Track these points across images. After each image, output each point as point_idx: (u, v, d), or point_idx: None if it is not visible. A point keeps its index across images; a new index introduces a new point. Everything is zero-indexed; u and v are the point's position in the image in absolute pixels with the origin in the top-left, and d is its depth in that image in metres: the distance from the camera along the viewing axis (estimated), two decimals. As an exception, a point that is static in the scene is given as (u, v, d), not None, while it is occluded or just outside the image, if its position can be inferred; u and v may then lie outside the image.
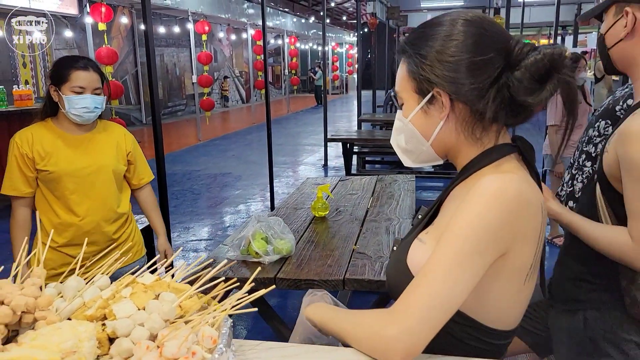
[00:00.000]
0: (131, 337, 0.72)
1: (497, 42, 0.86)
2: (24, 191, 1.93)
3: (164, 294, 0.79)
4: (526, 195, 0.84)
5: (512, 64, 0.85)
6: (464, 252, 0.80)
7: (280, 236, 2.11)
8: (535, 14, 17.17)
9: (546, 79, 0.83)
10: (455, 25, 0.88)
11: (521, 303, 0.92)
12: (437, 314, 0.80)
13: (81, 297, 0.86)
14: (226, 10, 12.52)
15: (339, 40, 23.64)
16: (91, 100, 1.89)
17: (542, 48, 0.84)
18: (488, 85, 0.85)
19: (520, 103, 0.85)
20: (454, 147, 0.94)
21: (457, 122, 0.90)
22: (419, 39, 0.92)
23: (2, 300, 0.78)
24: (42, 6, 6.18)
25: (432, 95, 0.90)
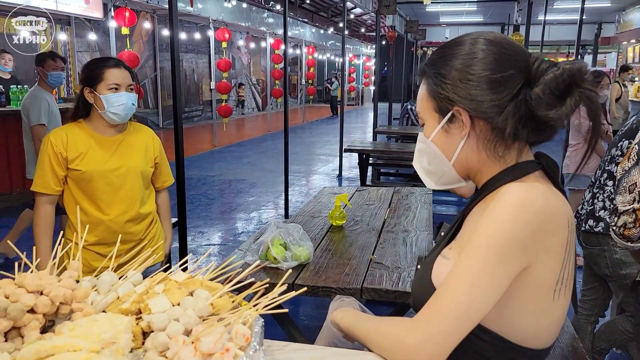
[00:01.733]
0: (167, 331, 0.73)
1: (517, 60, 0.87)
2: (54, 189, 1.97)
3: (199, 291, 0.81)
4: (552, 206, 0.83)
5: (531, 80, 0.85)
6: (488, 262, 0.80)
7: (299, 243, 2.12)
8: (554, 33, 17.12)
9: (567, 94, 0.83)
10: (475, 44, 0.90)
11: (554, 321, 0.89)
12: (460, 324, 0.79)
13: (115, 291, 0.88)
14: (246, 18, 12.66)
15: (357, 52, 23.76)
16: (127, 97, 1.94)
17: (561, 64, 0.84)
18: (507, 102, 0.86)
19: (541, 119, 0.84)
20: (475, 166, 0.93)
21: (478, 140, 0.91)
22: (438, 59, 0.94)
23: (42, 290, 0.80)
24: (68, 9, 6.30)
25: (452, 114, 0.91)
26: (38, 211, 2.00)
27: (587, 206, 2.31)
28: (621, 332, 2.29)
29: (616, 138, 2.26)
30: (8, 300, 0.75)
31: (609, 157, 2.25)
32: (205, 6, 10.53)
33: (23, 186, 5.80)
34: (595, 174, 2.35)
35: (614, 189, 2.19)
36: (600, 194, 2.25)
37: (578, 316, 2.51)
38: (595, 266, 2.29)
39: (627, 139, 2.15)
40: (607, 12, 16.57)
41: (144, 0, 8.58)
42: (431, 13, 18.20)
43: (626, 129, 2.21)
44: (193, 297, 0.80)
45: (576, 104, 0.83)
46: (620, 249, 2.16)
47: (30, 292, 0.79)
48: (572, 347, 2.10)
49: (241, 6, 12.20)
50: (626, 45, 17.51)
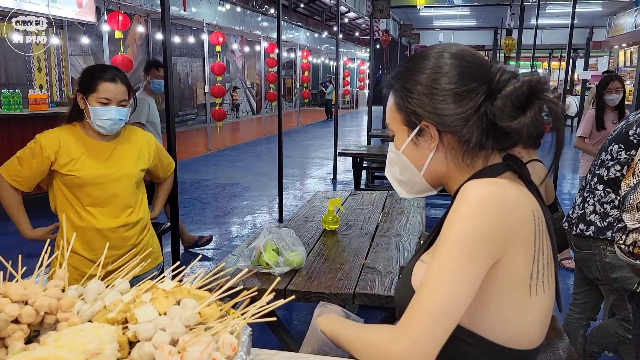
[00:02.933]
0: (153, 341, 0.73)
1: (480, 72, 0.89)
2: (24, 186, 1.95)
3: (186, 300, 0.80)
4: (513, 199, 0.84)
5: (494, 91, 0.87)
6: (457, 259, 0.81)
7: (292, 248, 2.11)
8: (546, 37, 17.25)
9: (527, 105, 0.85)
10: (440, 58, 0.91)
11: (535, 319, 0.89)
12: (440, 322, 0.80)
13: (102, 300, 0.87)
14: (240, 22, 12.67)
15: (351, 56, 23.80)
16: (116, 112, 1.93)
17: (521, 76, 0.86)
18: (471, 114, 0.87)
19: (504, 129, 0.86)
20: (446, 176, 0.95)
21: (446, 151, 0.92)
22: (404, 73, 0.95)
23: (26, 300, 0.80)
24: (61, 13, 6.28)
25: (420, 127, 0.93)
26: (3, 194, 1.96)
27: (578, 210, 2.32)
28: (612, 336, 2.30)
29: (606, 142, 2.28)
30: (-8, 311, 0.75)
31: (599, 162, 2.26)
32: (199, 10, 10.52)
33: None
34: (585, 178, 2.36)
35: (604, 192, 2.20)
36: (590, 198, 2.26)
37: (569, 319, 2.52)
38: (586, 270, 2.30)
39: (616, 144, 2.17)
40: (598, 16, 16.70)
41: (138, 4, 8.56)
42: (425, 17, 18.28)
43: (616, 134, 2.22)
44: (180, 306, 0.80)
45: (536, 115, 0.85)
46: (610, 252, 2.17)
47: (14, 301, 0.78)
48: (565, 350, 2.11)
49: (235, 10, 12.20)
50: (617, 49, 17.64)
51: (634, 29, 14.61)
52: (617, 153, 2.15)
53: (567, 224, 2.37)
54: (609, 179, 2.18)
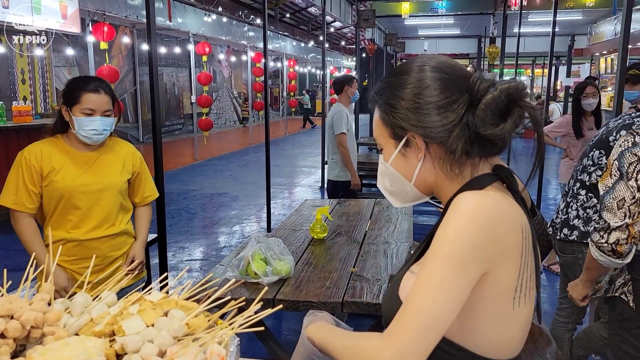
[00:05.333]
0: (141, 353, 0.73)
1: (459, 83, 0.90)
2: (27, 206, 1.93)
3: (173, 311, 0.80)
4: (505, 212, 0.85)
5: (474, 100, 0.88)
6: (447, 270, 0.81)
7: (280, 257, 2.12)
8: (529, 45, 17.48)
9: (507, 112, 0.87)
10: (421, 72, 0.93)
11: (516, 331, 0.90)
12: (428, 333, 0.80)
13: (89, 313, 0.87)
14: (227, 32, 12.68)
15: (337, 65, 23.93)
16: (100, 123, 1.92)
17: (498, 84, 0.87)
18: (455, 124, 0.89)
19: (486, 137, 0.88)
20: (435, 184, 0.97)
21: (433, 161, 0.94)
22: (387, 89, 0.97)
23: (12, 314, 0.79)
24: (46, 24, 6.23)
25: (406, 140, 0.94)
26: (18, 225, 1.95)
27: (562, 215, 2.35)
28: (598, 339, 2.33)
29: (587, 148, 2.32)
30: (-23, 326, 0.74)
31: (581, 167, 2.30)
32: (185, 20, 10.53)
33: None
34: (568, 184, 2.39)
35: (587, 197, 2.24)
36: (573, 203, 2.29)
37: (556, 324, 2.54)
38: (571, 274, 2.32)
39: (597, 149, 2.21)
40: (579, 24, 16.98)
41: (123, 15, 8.54)
42: (409, 26, 18.43)
43: (596, 139, 2.26)
44: (167, 317, 0.80)
45: (517, 121, 0.86)
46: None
47: (0, 316, 0.78)
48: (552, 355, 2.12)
49: (221, 20, 12.22)
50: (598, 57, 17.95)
51: (614, 37, 14.89)
52: (598, 159, 2.18)
53: (551, 229, 2.41)
54: (590, 184, 2.21)
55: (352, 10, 14.25)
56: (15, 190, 1.92)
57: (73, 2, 6.69)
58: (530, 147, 9.53)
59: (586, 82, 4.07)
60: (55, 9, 6.37)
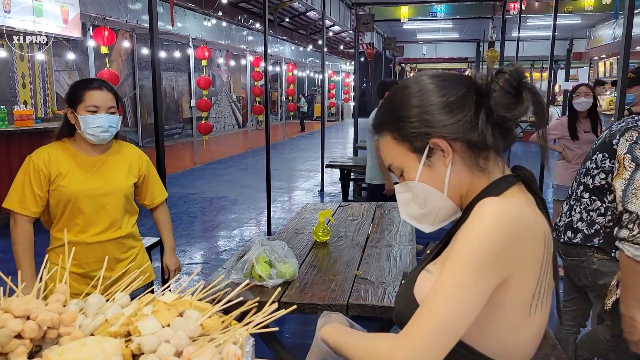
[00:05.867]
0: (157, 353, 0.73)
1: (459, 81, 0.94)
2: (32, 210, 1.93)
3: (189, 312, 0.81)
4: (528, 220, 0.85)
5: (483, 92, 0.91)
6: (466, 275, 0.81)
7: (284, 260, 2.12)
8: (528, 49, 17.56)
9: (520, 92, 0.89)
10: (419, 82, 0.95)
11: (531, 336, 0.90)
12: (444, 336, 0.80)
13: (103, 314, 0.87)
14: (226, 36, 12.71)
15: (336, 69, 23.98)
16: (106, 119, 1.93)
17: (504, 68, 0.91)
18: (474, 116, 0.90)
19: (507, 120, 0.90)
20: (466, 187, 0.95)
21: (462, 161, 0.93)
22: (392, 108, 0.97)
23: (29, 315, 0.80)
24: (48, 28, 6.25)
25: (429, 147, 0.93)
26: (16, 230, 1.94)
27: (565, 218, 2.36)
28: (602, 342, 2.33)
29: (590, 151, 2.33)
30: (-6, 326, 0.75)
31: (584, 170, 2.31)
32: (185, 25, 10.55)
33: None
34: (571, 187, 2.40)
35: (590, 200, 2.25)
36: (577, 205, 2.30)
37: (560, 327, 2.54)
38: (575, 277, 2.33)
39: (601, 152, 2.22)
40: (578, 28, 17.08)
41: (123, 20, 8.56)
42: (408, 30, 18.52)
43: (599, 143, 2.27)
44: (183, 317, 0.80)
45: (529, 100, 0.89)
46: (598, 259, 2.21)
47: (17, 317, 0.78)
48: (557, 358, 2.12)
49: (221, 25, 12.25)
50: (597, 60, 18.03)
51: (612, 41, 14.96)
52: (601, 162, 2.19)
53: (554, 232, 2.41)
54: (594, 187, 2.22)
55: (351, 14, 14.30)
56: (22, 194, 1.92)
57: (74, 7, 6.71)
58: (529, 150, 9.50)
59: (582, 82, 4.11)
60: (57, 13, 6.38)
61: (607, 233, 2.19)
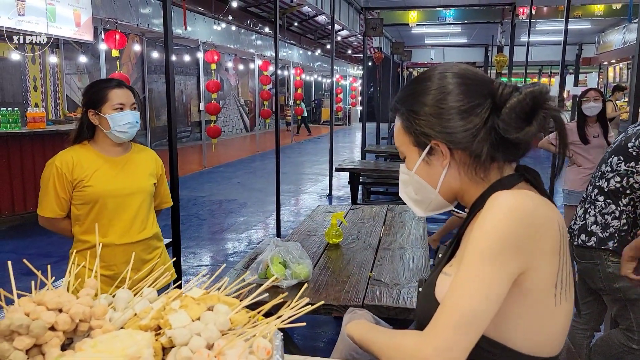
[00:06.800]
0: (189, 346, 0.74)
1: (482, 88, 0.91)
2: (57, 212, 1.98)
3: (219, 306, 0.82)
4: (541, 210, 0.86)
5: (498, 105, 0.89)
6: (486, 268, 0.82)
7: (299, 261, 2.13)
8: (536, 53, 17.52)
9: (532, 116, 0.88)
10: (443, 78, 0.94)
11: (559, 327, 0.89)
12: (467, 330, 0.80)
13: (132, 308, 0.88)
14: (235, 40, 12.78)
15: (343, 73, 24.03)
16: (131, 115, 1.97)
17: (523, 88, 0.88)
18: (479, 129, 0.90)
19: (511, 140, 0.89)
20: (460, 190, 0.97)
21: (459, 167, 0.94)
22: (409, 96, 0.98)
23: (61, 307, 0.81)
24: (60, 32, 6.31)
25: (430, 147, 0.95)
26: (58, 227, 2.05)
27: (579, 221, 2.35)
28: (617, 346, 2.32)
29: (605, 155, 2.32)
30: (29, 318, 0.76)
31: (599, 174, 2.31)
32: (195, 29, 10.62)
33: (12, 209, 5.74)
34: (586, 190, 2.40)
35: (605, 204, 2.24)
36: (591, 209, 2.30)
37: (574, 330, 2.53)
38: (590, 280, 2.32)
39: (616, 156, 2.21)
40: (588, 33, 17.03)
41: (134, 23, 8.63)
42: (417, 35, 18.53)
43: (615, 146, 2.27)
44: (213, 311, 0.81)
45: (542, 123, 0.87)
46: (613, 262, 2.20)
47: (50, 309, 0.79)
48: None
49: (230, 29, 12.32)
50: (607, 66, 17.96)
51: (622, 46, 14.90)
52: (616, 165, 2.19)
53: (568, 236, 2.41)
54: (609, 190, 2.22)
55: (359, 18, 14.33)
56: (52, 201, 1.97)
57: (86, 10, 6.78)
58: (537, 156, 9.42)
59: (591, 87, 4.09)
60: (69, 17, 6.45)
61: (621, 236, 2.18)
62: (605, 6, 12.49)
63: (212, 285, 0.98)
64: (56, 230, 2.07)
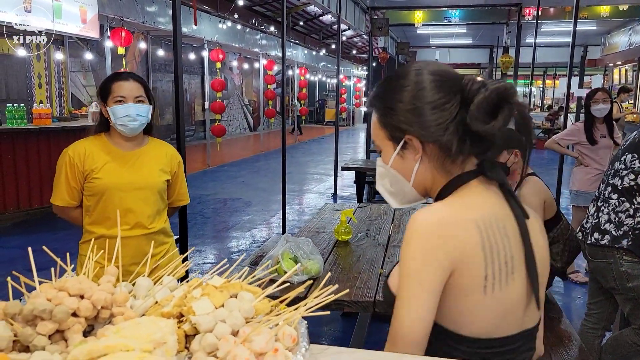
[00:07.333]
0: (214, 332, 0.73)
1: (453, 85, 0.96)
2: (68, 201, 2.00)
3: (243, 293, 0.81)
4: (451, 219, 0.92)
5: (466, 101, 0.94)
6: (412, 289, 0.90)
7: (309, 257, 2.12)
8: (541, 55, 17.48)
9: (497, 110, 0.92)
10: (419, 75, 0.98)
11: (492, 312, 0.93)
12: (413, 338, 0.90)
13: (153, 296, 0.87)
14: (240, 40, 12.78)
15: (347, 74, 24.01)
16: (133, 108, 1.94)
17: (489, 84, 0.93)
18: (449, 123, 0.95)
19: (479, 134, 0.92)
20: (431, 183, 1.02)
21: (430, 160, 0.99)
22: (384, 92, 1.02)
23: (83, 294, 0.80)
24: (66, 28, 6.32)
25: (404, 141, 0.99)
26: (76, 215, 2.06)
27: (592, 220, 2.34)
28: (629, 345, 2.30)
29: (619, 152, 2.31)
30: (52, 304, 0.75)
31: (612, 171, 2.29)
32: (200, 27, 10.62)
33: (17, 205, 5.74)
34: (598, 188, 2.38)
35: (619, 202, 2.22)
36: (604, 207, 2.28)
37: (585, 329, 2.52)
38: (602, 279, 2.30)
39: (630, 153, 2.20)
40: (593, 35, 16.99)
41: (140, 21, 8.64)
42: (422, 35, 18.51)
43: (628, 143, 2.25)
44: (237, 299, 0.80)
45: (507, 118, 0.92)
46: (626, 261, 2.18)
47: (72, 295, 0.78)
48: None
49: (235, 27, 12.32)
50: (612, 67, 17.91)
51: (628, 47, 14.86)
52: (630, 162, 2.17)
53: (580, 234, 2.39)
54: (623, 188, 2.20)
55: (365, 18, 14.33)
56: (63, 190, 1.99)
57: (92, 7, 6.79)
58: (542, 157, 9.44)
59: (597, 88, 4.07)
60: (76, 13, 6.46)
61: (636, 235, 2.16)
62: (612, 7, 12.46)
63: (232, 275, 0.97)
64: (67, 218, 2.08)
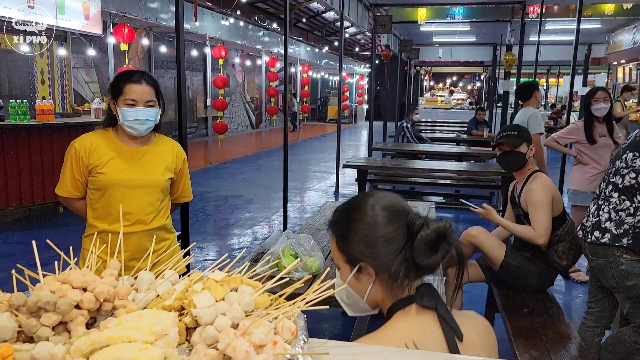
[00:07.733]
0: (215, 325, 0.74)
1: (401, 219, 1.07)
2: (71, 192, 2.02)
3: (244, 287, 0.82)
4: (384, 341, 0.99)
5: (412, 235, 1.05)
6: None
7: (310, 253, 2.13)
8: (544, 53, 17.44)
9: (437, 247, 1.03)
10: (372, 210, 1.09)
11: None
12: None
13: (154, 290, 0.88)
14: (242, 36, 12.77)
15: (350, 71, 23.98)
16: (143, 113, 1.95)
17: (431, 223, 1.04)
18: (397, 254, 1.05)
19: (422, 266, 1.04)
20: (380, 300, 1.12)
21: (380, 283, 1.09)
22: (341, 222, 1.13)
23: (86, 287, 0.81)
24: (69, 24, 6.33)
25: (359, 267, 1.10)
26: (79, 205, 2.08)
27: (593, 218, 2.34)
28: (628, 343, 2.31)
29: (619, 151, 2.31)
30: (56, 296, 0.76)
31: (614, 170, 2.29)
32: (203, 24, 10.62)
33: (19, 201, 5.77)
34: (599, 187, 2.39)
35: (620, 200, 2.23)
36: (605, 205, 2.28)
37: (585, 328, 2.52)
38: (602, 277, 2.31)
39: (631, 152, 2.20)
40: (597, 33, 16.92)
41: (142, 17, 8.64)
42: (425, 33, 18.46)
43: (629, 142, 2.26)
44: (238, 292, 0.81)
45: (445, 253, 1.03)
46: (626, 259, 2.19)
47: (75, 288, 0.79)
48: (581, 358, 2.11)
49: (238, 24, 12.32)
50: (616, 66, 17.85)
51: (632, 46, 14.81)
52: (632, 161, 2.18)
53: (581, 232, 2.40)
54: (623, 187, 2.20)
55: (368, 15, 14.31)
56: (67, 181, 2.01)
57: (95, 3, 6.80)
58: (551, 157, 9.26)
59: (598, 87, 4.06)
60: (79, 9, 6.47)
61: (636, 233, 2.17)
62: (616, 5, 12.41)
63: (233, 270, 0.98)
64: (72, 209, 2.11)
